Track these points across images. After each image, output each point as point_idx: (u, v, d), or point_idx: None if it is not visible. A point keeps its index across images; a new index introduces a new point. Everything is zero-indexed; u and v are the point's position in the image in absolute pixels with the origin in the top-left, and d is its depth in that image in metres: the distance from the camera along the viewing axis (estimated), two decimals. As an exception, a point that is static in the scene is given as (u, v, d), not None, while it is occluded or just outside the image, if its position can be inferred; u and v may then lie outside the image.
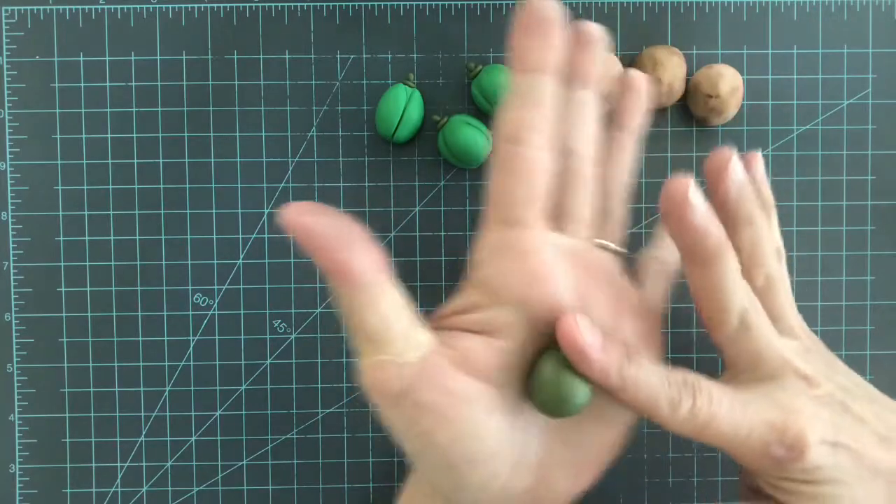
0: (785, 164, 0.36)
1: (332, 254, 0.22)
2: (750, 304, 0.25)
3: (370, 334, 0.23)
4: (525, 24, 0.24)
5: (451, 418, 0.23)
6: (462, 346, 0.24)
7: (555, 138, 0.24)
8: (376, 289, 0.23)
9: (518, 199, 0.24)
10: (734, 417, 0.23)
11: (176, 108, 0.35)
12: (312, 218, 0.22)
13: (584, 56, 0.26)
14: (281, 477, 0.36)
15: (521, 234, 0.24)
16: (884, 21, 0.36)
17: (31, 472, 0.35)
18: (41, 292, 0.35)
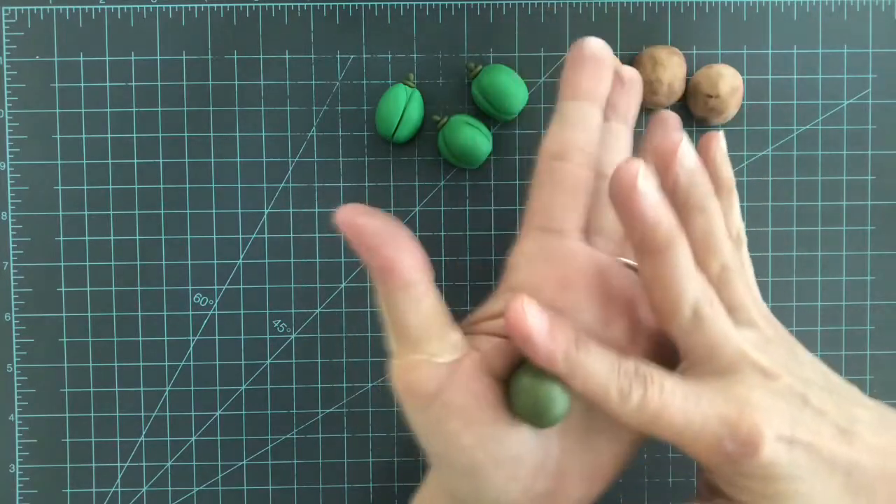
0: (785, 164, 0.36)
1: (381, 251, 0.23)
2: (703, 294, 0.24)
3: (409, 333, 0.24)
4: (579, 56, 0.26)
5: (478, 420, 0.23)
6: (492, 350, 0.24)
7: (594, 160, 0.26)
8: (418, 289, 0.24)
9: (558, 208, 0.25)
10: (686, 410, 0.23)
11: (176, 108, 0.35)
12: (363, 218, 0.23)
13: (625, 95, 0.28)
14: (281, 477, 0.36)
15: (559, 241, 0.25)
16: (884, 21, 0.36)
17: (31, 472, 0.35)
18: (41, 292, 0.35)
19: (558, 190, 0.25)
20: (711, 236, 0.25)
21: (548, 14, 0.35)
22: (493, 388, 0.24)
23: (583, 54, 0.26)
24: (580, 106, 0.26)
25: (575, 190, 0.25)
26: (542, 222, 0.25)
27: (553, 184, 0.25)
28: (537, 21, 0.35)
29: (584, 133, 0.26)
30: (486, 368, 0.24)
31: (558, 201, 0.25)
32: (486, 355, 0.24)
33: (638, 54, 0.35)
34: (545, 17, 0.35)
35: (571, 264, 0.24)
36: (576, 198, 0.25)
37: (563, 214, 0.25)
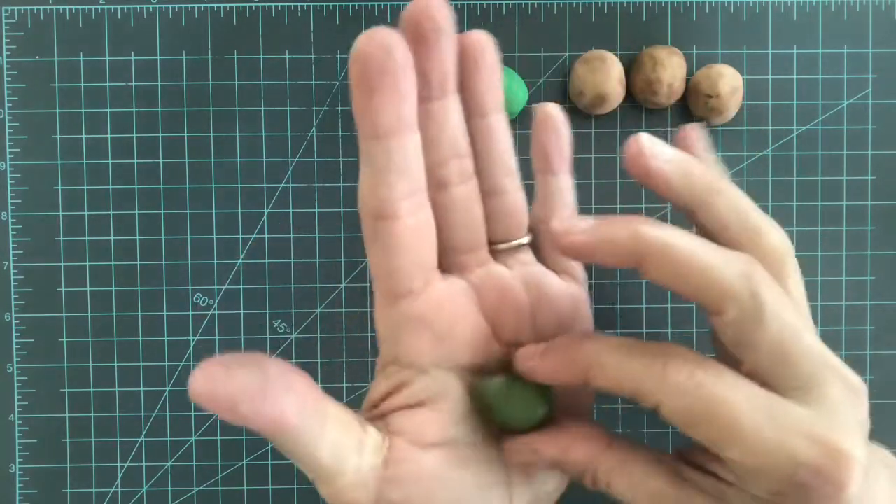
0: (785, 164, 0.36)
1: (260, 416, 0.20)
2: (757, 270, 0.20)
3: (322, 466, 0.21)
4: (368, 80, 0.19)
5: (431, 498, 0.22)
6: (408, 426, 0.23)
7: (426, 189, 0.22)
8: (316, 422, 0.21)
9: (404, 272, 0.22)
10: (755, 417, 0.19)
11: (176, 108, 0.35)
12: (225, 384, 0.19)
13: (433, 56, 0.21)
14: (281, 477, 0.36)
15: (416, 302, 0.22)
16: (884, 21, 0.36)
17: (31, 472, 0.35)
18: (41, 292, 0.35)
19: (396, 254, 0.21)
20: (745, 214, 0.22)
21: (548, 14, 0.35)
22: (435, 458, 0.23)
23: (367, 74, 0.19)
24: (389, 145, 0.20)
25: (416, 246, 0.21)
26: (391, 289, 0.22)
27: (386, 248, 0.21)
28: (537, 21, 0.35)
29: (404, 177, 0.21)
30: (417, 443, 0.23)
31: (400, 265, 0.21)
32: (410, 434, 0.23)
33: (638, 54, 0.35)
34: (545, 17, 0.35)
35: (439, 318, 0.22)
36: (418, 253, 0.21)
37: (410, 276, 0.22)
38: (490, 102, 0.23)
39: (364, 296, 0.36)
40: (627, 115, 0.36)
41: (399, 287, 0.22)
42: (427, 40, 0.20)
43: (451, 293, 0.23)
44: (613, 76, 0.34)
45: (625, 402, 0.36)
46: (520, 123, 0.35)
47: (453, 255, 0.23)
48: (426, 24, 0.20)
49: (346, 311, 0.35)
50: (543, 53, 0.35)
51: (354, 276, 0.36)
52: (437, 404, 0.23)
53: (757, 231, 0.22)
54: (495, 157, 0.23)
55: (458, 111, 0.22)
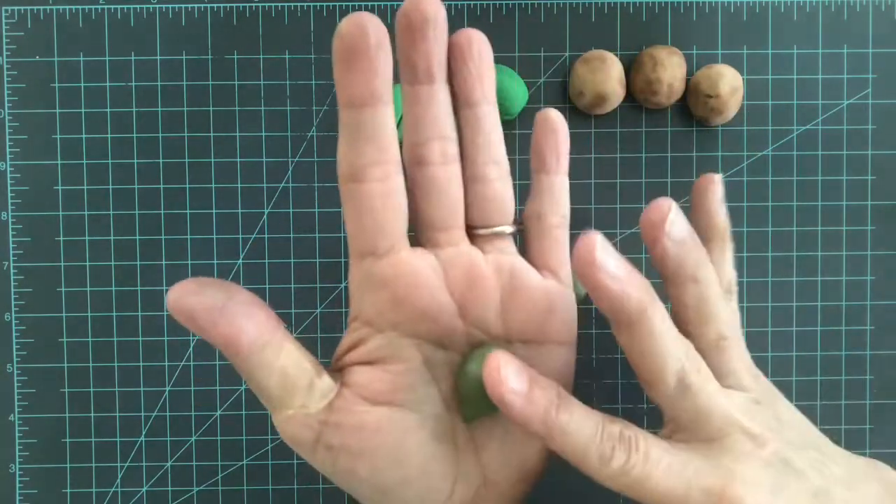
0: (785, 164, 0.36)
1: (217, 330, 0.22)
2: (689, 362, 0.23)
3: (273, 394, 0.24)
4: (345, 54, 0.22)
5: (366, 452, 0.24)
6: (361, 380, 0.24)
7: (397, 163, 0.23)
8: (269, 351, 0.23)
9: (371, 232, 0.23)
10: (669, 479, 0.22)
11: (176, 108, 0.35)
12: (193, 298, 0.22)
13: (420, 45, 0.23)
14: (281, 477, 0.36)
15: (381, 263, 0.24)
16: (884, 21, 0.36)
17: (31, 472, 0.35)
18: (41, 292, 0.35)
19: (364, 214, 0.23)
20: (706, 304, 0.24)
21: (548, 14, 0.35)
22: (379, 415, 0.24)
23: (344, 49, 0.22)
24: (360, 114, 0.22)
25: (382, 209, 0.23)
26: (360, 248, 0.24)
27: (356, 209, 0.23)
28: (537, 21, 0.35)
29: (373, 144, 0.23)
30: (364, 399, 0.24)
31: (367, 225, 0.23)
32: (360, 387, 0.24)
33: (638, 54, 0.35)
34: (545, 17, 0.35)
35: (399, 281, 0.24)
36: (384, 216, 0.23)
37: (375, 237, 0.23)
38: (477, 93, 0.24)
39: (364, 296, 0.36)
40: (627, 115, 0.36)
41: (364, 246, 0.24)
42: (415, 29, 0.23)
43: (416, 262, 0.24)
44: (613, 76, 0.34)
45: (624, 403, 0.36)
46: (520, 123, 0.35)
47: (428, 231, 0.25)
48: (415, 15, 0.22)
49: (346, 311, 0.35)
50: (543, 53, 0.35)
51: (354, 276, 0.36)
52: (389, 365, 0.24)
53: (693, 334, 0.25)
54: (480, 145, 0.25)
55: (444, 97, 0.24)
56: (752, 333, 0.36)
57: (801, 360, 0.36)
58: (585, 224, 0.36)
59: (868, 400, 0.36)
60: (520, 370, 0.23)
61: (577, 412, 0.23)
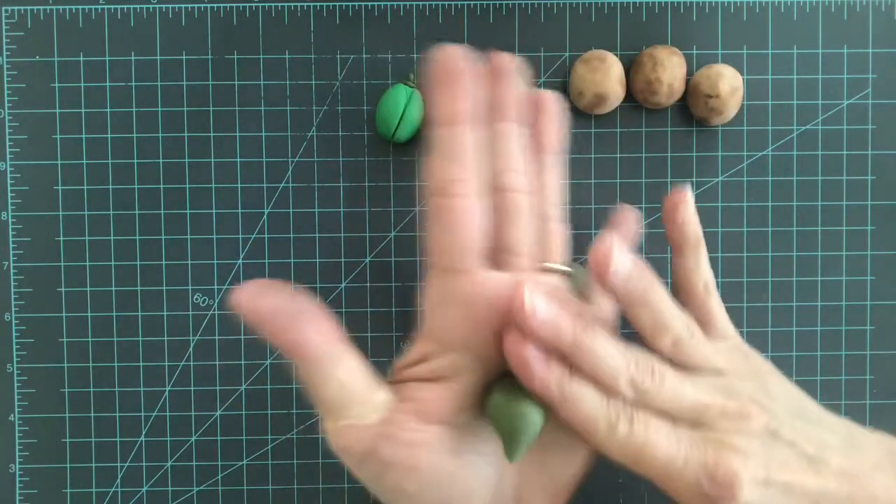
0: (785, 164, 0.36)
1: (283, 334, 0.24)
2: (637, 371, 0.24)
3: (329, 403, 0.24)
4: (437, 78, 0.25)
5: (417, 468, 0.24)
6: (419, 396, 0.24)
7: (482, 181, 0.25)
8: (330, 360, 0.24)
9: (454, 248, 0.24)
10: (669, 448, 0.23)
11: (176, 108, 0.35)
12: (261, 300, 0.24)
13: (500, 89, 0.27)
14: (281, 477, 0.36)
15: (461, 280, 0.24)
16: (884, 21, 0.36)
17: (31, 472, 0.35)
18: (41, 292, 0.35)
19: (446, 228, 0.24)
20: (660, 319, 0.25)
21: (548, 14, 0.35)
22: (433, 433, 0.24)
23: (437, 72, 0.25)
24: (447, 132, 0.25)
25: (465, 226, 0.24)
26: (440, 263, 0.25)
27: (440, 223, 0.25)
28: (537, 21, 0.35)
29: (457, 162, 0.25)
30: (420, 416, 0.24)
31: (452, 242, 0.24)
32: (418, 403, 0.24)
33: (638, 54, 0.35)
34: (545, 17, 0.35)
35: (476, 301, 0.24)
36: (468, 234, 0.24)
37: (457, 253, 0.24)
38: (549, 143, 0.28)
39: (364, 296, 0.36)
40: (627, 115, 0.36)
41: (449, 262, 0.25)
42: (500, 78, 0.27)
43: (496, 282, 0.24)
44: (613, 76, 0.34)
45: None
46: (520, 123, 0.35)
47: (504, 254, 0.26)
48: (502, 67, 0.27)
49: (346, 311, 0.35)
50: (543, 53, 0.35)
51: (354, 276, 0.36)
52: (451, 384, 0.24)
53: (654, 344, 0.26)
54: (544, 186, 0.28)
55: (517, 136, 0.27)
56: (753, 333, 0.36)
57: (801, 360, 0.36)
58: (586, 224, 0.36)
59: (868, 400, 0.36)
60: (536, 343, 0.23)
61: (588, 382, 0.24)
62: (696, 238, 0.29)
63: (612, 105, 0.35)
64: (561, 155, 0.28)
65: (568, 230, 0.28)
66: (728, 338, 0.28)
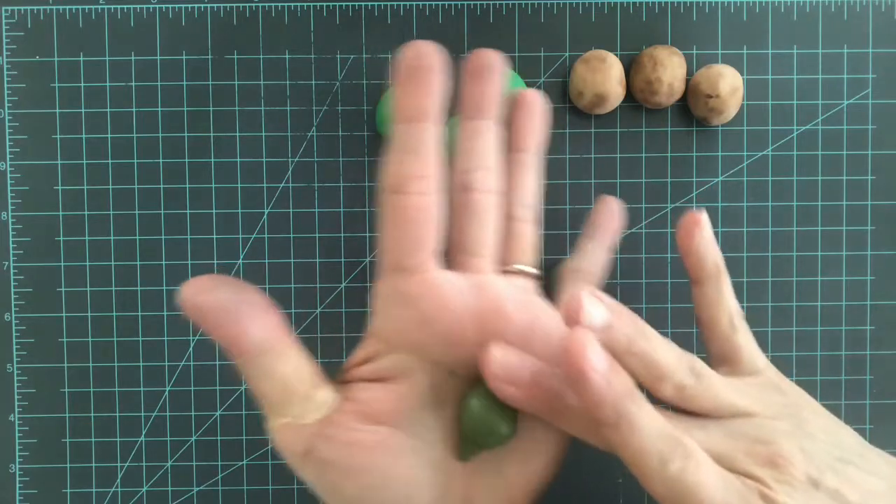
0: (785, 164, 0.36)
1: (223, 329, 0.23)
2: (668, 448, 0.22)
3: (269, 400, 0.24)
4: (403, 73, 0.24)
5: (356, 470, 0.23)
6: (362, 396, 0.24)
7: (438, 181, 0.24)
8: (271, 356, 0.23)
9: (404, 246, 0.24)
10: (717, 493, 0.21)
11: (176, 108, 0.35)
12: (203, 296, 0.23)
13: (479, 86, 0.26)
14: (281, 477, 0.36)
15: (410, 279, 0.24)
16: (884, 21, 0.36)
17: (31, 472, 0.35)
18: (41, 292, 0.35)
19: (400, 227, 0.24)
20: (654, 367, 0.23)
21: (548, 14, 0.35)
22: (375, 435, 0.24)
23: (403, 67, 0.24)
24: (408, 128, 0.24)
25: (418, 223, 0.24)
26: (391, 262, 0.24)
27: (393, 220, 0.24)
28: (537, 21, 0.35)
29: (417, 158, 0.24)
30: (364, 416, 0.24)
31: (403, 240, 0.24)
32: (361, 404, 0.24)
33: (638, 54, 0.35)
34: (545, 17, 0.35)
35: (427, 300, 0.23)
36: (419, 231, 0.24)
37: (409, 251, 0.24)
38: (526, 142, 0.27)
39: (364, 296, 0.36)
40: (627, 115, 0.36)
41: (397, 259, 0.24)
42: (477, 74, 0.25)
43: (446, 283, 0.24)
44: (613, 76, 0.34)
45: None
46: (520, 123, 0.35)
47: (462, 254, 0.25)
48: (479, 64, 0.25)
49: (346, 311, 0.35)
50: (543, 53, 0.35)
51: (354, 277, 0.36)
52: (396, 385, 0.24)
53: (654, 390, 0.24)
54: (518, 187, 0.27)
55: (493, 134, 0.26)
56: (753, 333, 0.36)
57: (801, 360, 0.36)
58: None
59: (868, 400, 0.36)
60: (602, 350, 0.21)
61: (648, 408, 0.22)
62: (715, 267, 0.27)
63: (612, 105, 0.35)
64: (538, 154, 0.27)
65: (540, 231, 0.27)
66: (758, 372, 0.26)
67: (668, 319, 0.36)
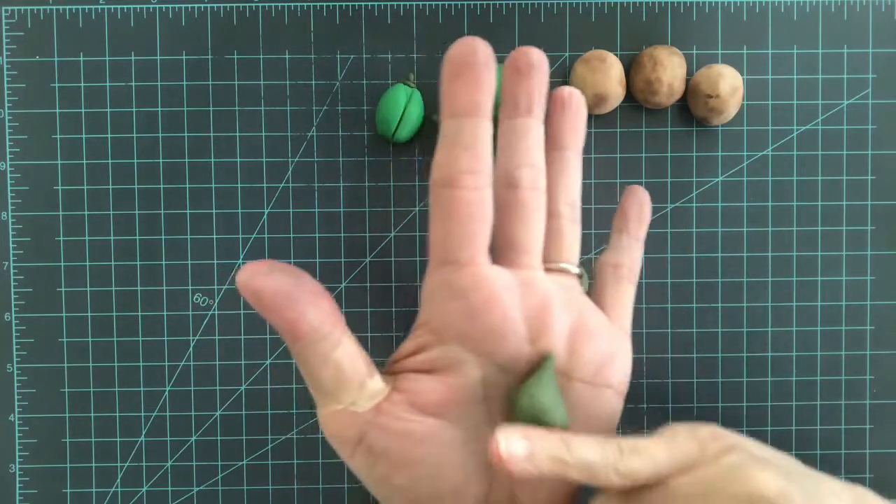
0: (785, 164, 0.36)
1: (281, 313, 0.23)
2: None
3: (323, 387, 0.24)
4: (453, 69, 0.24)
5: (407, 460, 0.24)
6: (414, 387, 0.24)
7: (490, 175, 0.24)
8: (327, 343, 0.24)
9: (455, 239, 0.24)
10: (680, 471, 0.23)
11: (176, 108, 0.35)
12: (263, 279, 0.23)
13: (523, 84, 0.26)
14: (281, 477, 0.36)
15: (461, 273, 0.24)
16: (884, 21, 0.36)
17: (31, 472, 0.35)
18: (41, 292, 0.35)
19: (451, 221, 0.24)
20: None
21: (548, 14, 0.35)
22: (426, 425, 0.24)
23: (453, 64, 0.24)
24: (461, 123, 0.24)
25: (469, 217, 0.24)
26: (441, 255, 0.24)
27: (445, 214, 0.24)
28: (537, 21, 0.35)
29: (469, 153, 0.24)
30: (414, 407, 0.24)
31: (453, 232, 0.24)
32: (412, 394, 0.24)
33: (638, 54, 0.35)
34: (545, 17, 0.35)
35: (476, 293, 0.24)
36: (471, 225, 0.24)
37: (459, 245, 0.24)
38: (567, 140, 0.27)
39: (364, 296, 0.36)
40: (627, 115, 0.36)
41: (447, 252, 0.24)
42: (521, 72, 0.25)
43: (495, 277, 0.24)
44: (613, 76, 0.34)
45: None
46: (520, 123, 0.35)
47: (510, 251, 0.25)
48: (523, 60, 0.25)
49: (347, 311, 0.35)
50: (543, 53, 0.35)
51: (354, 277, 0.36)
52: (446, 377, 0.24)
53: None
54: (561, 185, 0.27)
55: (537, 132, 0.26)
56: (753, 333, 0.36)
57: (801, 360, 0.36)
58: (586, 224, 0.36)
59: (868, 400, 0.36)
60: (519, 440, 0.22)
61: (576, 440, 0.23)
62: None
63: (612, 105, 0.35)
64: (579, 152, 0.28)
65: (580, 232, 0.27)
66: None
67: (668, 319, 0.36)
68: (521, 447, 0.22)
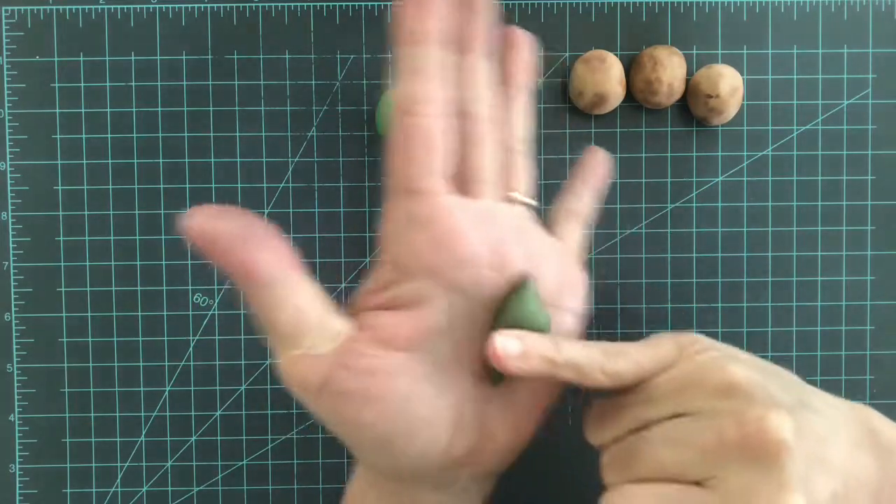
0: (785, 164, 0.36)
1: (233, 255, 0.22)
2: None
3: (282, 331, 0.23)
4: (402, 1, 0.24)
5: (374, 397, 0.23)
6: (378, 323, 0.24)
7: (449, 105, 0.24)
8: (284, 285, 0.23)
9: (416, 167, 0.23)
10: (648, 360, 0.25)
11: (176, 108, 0.35)
12: (214, 222, 0.22)
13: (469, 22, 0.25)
14: (281, 477, 0.36)
15: (424, 202, 0.24)
16: (884, 21, 0.36)
17: (31, 472, 0.35)
18: (41, 292, 0.35)
19: (412, 149, 0.23)
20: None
21: (548, 14, 0.35)
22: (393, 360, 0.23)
23: None
24: (416, 50, 0.24)
25: (429, 145, 0.23)
26: (403, 184, 0.24)
27: (405, 143, 0.23)
28: (537, 21, 0.35)
29: (427, 80, 0.24)
30: (379, 343, 0.24)
31: (415, 161, 0.23)
32: (378, 330, 0.24)
33: (638, 54, 0.35)
34: (545, 17, 0.35)
35: (440, 223, 0.23)
36: (432, 154, 0.24)
37: (422, 174, 0.23)
38: (517, 78, 0.27)
39: (364, 296, 0.36)
40: (627, 115, 0.36)
41: (409, 181, 0.24)
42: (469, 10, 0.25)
43: (458, 206, 0.24)
44: (613, 76, 0.34)
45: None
46: (520, 123, 0.35)
47: (468, 181, 0.25)
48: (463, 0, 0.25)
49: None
50: (543, 53, 0.35)
51: (354, 276, 0.35)
52: (416, 311, 0.24)
53: None
54: (511, 120, 0.27)
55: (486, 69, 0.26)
56: (753, 333, 0.36)
57: (801, 360, 0.36)
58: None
59: (868, 400, 0.36)
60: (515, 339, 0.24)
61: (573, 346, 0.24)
62: None
63: (612, 105, 0.35)
64: (528, 90, 0.27)
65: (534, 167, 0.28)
66: None
67: (668, 320, 0.36)
68: (515, 346, 0.23)
